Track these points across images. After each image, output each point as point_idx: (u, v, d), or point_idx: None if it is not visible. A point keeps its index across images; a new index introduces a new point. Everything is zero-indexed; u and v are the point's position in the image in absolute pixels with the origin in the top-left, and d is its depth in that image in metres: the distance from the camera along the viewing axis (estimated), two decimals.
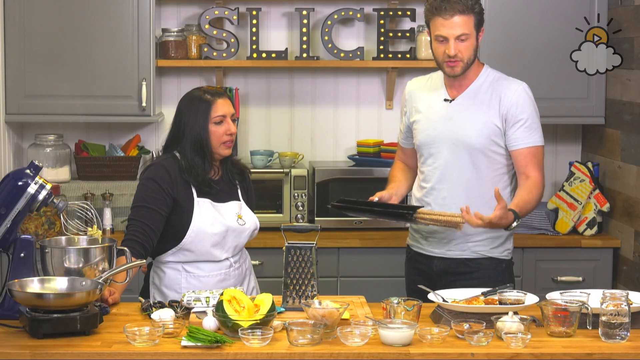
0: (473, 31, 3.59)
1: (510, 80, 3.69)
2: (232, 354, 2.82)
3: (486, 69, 3.70)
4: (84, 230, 3.56)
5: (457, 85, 3.67)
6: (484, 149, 3.61)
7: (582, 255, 4.90)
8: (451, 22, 3.56)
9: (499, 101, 3.62)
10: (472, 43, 3.60)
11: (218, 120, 3.52)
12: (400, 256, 4.76)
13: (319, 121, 5.37)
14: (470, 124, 3.62)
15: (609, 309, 2.92)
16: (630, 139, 4.72)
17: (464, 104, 3.65)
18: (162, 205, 3.47)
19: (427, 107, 3.73)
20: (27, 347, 2.83)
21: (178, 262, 3.54)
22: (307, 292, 3.28)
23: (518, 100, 3.62)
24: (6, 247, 3.15)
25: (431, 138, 3.68)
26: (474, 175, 3.63)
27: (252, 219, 3.64)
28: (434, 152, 3.68)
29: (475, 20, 3.59)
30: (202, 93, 3.57)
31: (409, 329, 2.88)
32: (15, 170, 3.22)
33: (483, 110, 3.62)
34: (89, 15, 4.85)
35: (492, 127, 3.61)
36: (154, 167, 3.53)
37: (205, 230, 3.50)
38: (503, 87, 3.65)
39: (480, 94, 3.65)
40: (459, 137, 3.62)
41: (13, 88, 4.87)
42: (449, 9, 3.55)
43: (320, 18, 5.19)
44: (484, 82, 3.66)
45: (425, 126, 3.71)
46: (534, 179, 3.60)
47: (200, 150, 3.52)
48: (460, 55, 3.58)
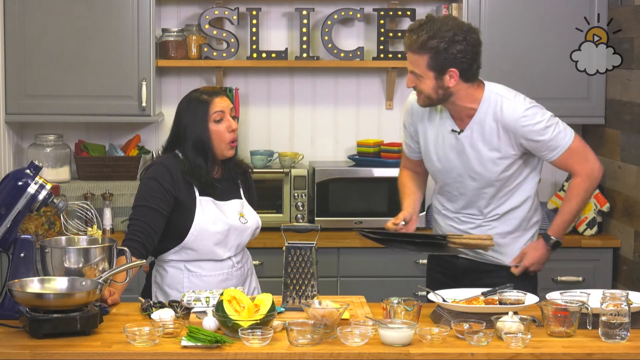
0: (427, 72, 3.37)
1: (509, 101, 3.46)
2: (232, 354, 2.82)
3: (485, 94, 3.48)
4: (84, 230, 3.56)
5: (461, 114, 3.50)
6: (505, 178, 3.52)
7: (582, 255, 4.90)
8: (407, 55, 3.44)
9: (507, 132, 3.46)
10: (430, 82, 3.39)
11: (217, 117, 3.52)
12: (400, 256, 4.79)
13: (319, 121, 5.37)
14: (485, 158, 3.49)
15: (609, 309, 2.92)
16: (630, 139, 4.72)
17: (472, 137, 3.49)
18: (164, 204, 3.47)
19: (435, 134, 3.58)
20: (27, 347, 2.83)
21: (180, 260, 3.54)
22: (307, 292, 3.28)
23: (525, 125, 3.44)
24: (6, 247, 3.15)
25: (446, 169, 3.57)
26: (497, 199, 3.56)
27: (254, 217, 3.65)
28: (451, 181, 3.58)
29: (429, 61, 3.35)
30: (199, 94, 3.57)
31: (409, 329, 2.88)
32: (15, 170, 3.22)
33: (493, 144, 3.47)
34: (89, 15, 4.85)
35: (507, 155, 3.48)
36: (155, 166, 3.53)
37: (208, 228, 3.50)
38: (506, 117, 3.44)
39: (486, 125, 3.47)
40: (476, 171, 3.51)
41: (13, 88, 4.87)
42: (405, 41, 3.44)
43: (320, 18, 5.19)
44: (487, 111, 3.47)
45: (439, 156, 3.58)
46: (578, 176, 3.55)
47: (202, 152, 3.51)
48: (418, 89, 3.45)
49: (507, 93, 3.52)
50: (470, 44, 3.39)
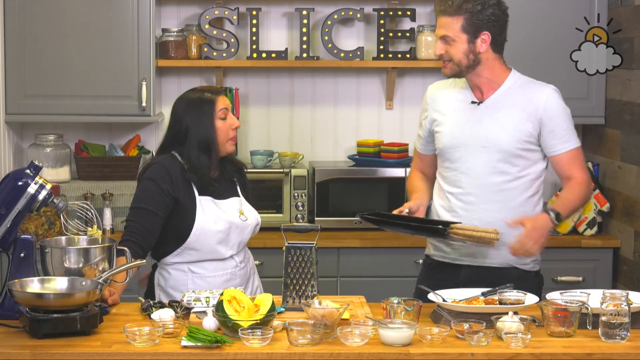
0: (460, 34, 3.45)
1: (541, 83, 3.58)
2: (232, 354, 2.82)
3: (514, 73, 3.57)
4: (84, 230, 3.55)
5: (481, 87, 3.56)
6: (515, 152, 3.50)
7: (582, 255, 4.90)
8: (438, 21, 3.51)
9: (532, 105, 3.50)
10: (462, 47, 3.46)
11: (223, 115, 3.53)
12: (400, 256, 4.80)
13: (319, 121, 5.37)
14: (502, 126, 3.50)
15: (609, 309, 2.92)
16: (630, 139, 4.72)
17: (494, 107, 3.53)
18: (161, 206, 3.47)
19: (452, 110, 3.60)
20: (27, 347, 2.83)
21: (183, 262, 3.54)
22: (307, 292, 3.28)
23: (552, 104, 3.51)
24: (6, 247, 3.15)
25: (458, 141, 3.56)
26: (504, 179, 3.52)
27: (253, 214, 3.65)
28: (461, 156, 3.56)
29: (463, 23, 3.44)
30: (201, 93, 3.57)
31: (409, 329, 2.88)
32: (15, 170, 3.22)
33: (515, 112, 3.51)
34: (89, 15, 4.85)
35: (524, 130, 3.49)
36: (153, 166, 3.53)
37: (209, 227, 3.50)
38: (535, 90, 3.53)
39: (510, 96, 3.53)
40: (489, 140, 3.51)
41: (13, 88, 4.87)
42: (437, 8, 3.50)
43: (320, 18, 5.19)
44: (514, 84, 3.54)
45: (451, 129, 3.58)
46: (578, 178, 3.53)
47: (207, 150, 3.51)
48: (447, 57, 3.49)
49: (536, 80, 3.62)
50: (501, 9, 3.51)
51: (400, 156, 5.11)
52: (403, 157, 5.12)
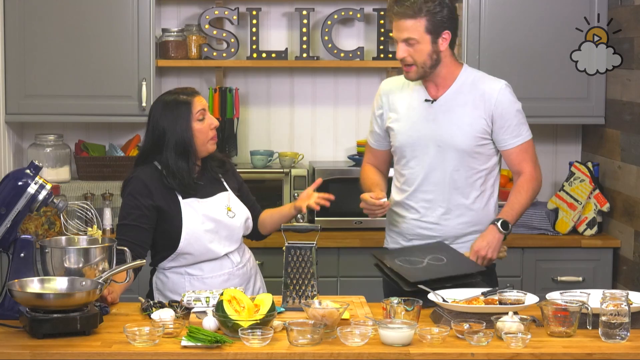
0: (424, 36, 3.49)
1: (491, 79, 3.64)
2: (232, 354, 2.82)
3: (465, 68, 3.64)
4: (84, 230, 3.56)
5: (436, 85, 3.61)
6: (470, 150, 3.58)
7: (582, 255, 4.89)
8: (398, 24, 3.51)
9: (484, 101, 3.57)
10: (425, 48, 3.51)
11: (200, 116, 3.51)
12: None
13: (319, 121, 5.37)
14: (456, 125, 3.57)
15: (609, 309, 2.92)
16: (630, 139, 4.72)
17: (446, 105, 3.60)
18: (144, 219, 3.46)
19: (406, 107, 3.65)
20: (27, 347, 2.83)
21: (180, 266, 3.53)
22: (307, 292, 3.28)
23: (502, 99, 3.58)
24: (6, 247, 3.15)
25: (413, 139, 3.61)
26: (460, 176, 3.60)
27: (241, 209, 3.63)
28: (417, 155, 3.62)
29: (427, 24, 3.48)
30: (176, 95, 3.54)
31: (409, 329, 2.88)
32: (15, 170, 3.22)
33: (467, 111, 3.58)
34: (89, 15, 4.85)
35: (478, 127, 3.57)
36: (131, 181, 3.51)
37: (198, 229, 3.49)
38: (486, 87, 3.59)
39: (463, 94, 3.60)
40: (444, 139, 3.57)
41: (13, 88, 4.87)
42: (396, 11, 3.51)
43: (320, 18, 5.19)
44: (465, 81, 3.61)
45: (406, 127, 3.63)
46: (526, 174, 3.61)
47: (184, 153, 3.49)
48: (410, 60, 3.52)
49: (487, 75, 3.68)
50: (452, 9, 3.57)
51: None
52: None
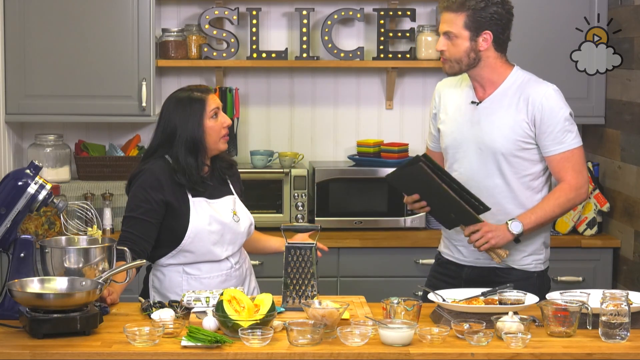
0: (462, 31, 3.46)
1: (539, 82, 3.56)
2: (232, 354, 2.82)
3: (515, 70, 3.57)
4: (84, 230, 3.56)
5: (483, 86, 3.56)
6: (510, 154, 3.50)
7: (582, 255, 4.90)
8: (442, 16, 3.52)
9: (527, 105, 3.49)
10: (462, 44, 3.47)
11: (213, 114, 3.51)
12: (400, 256, 4.80)
13: (319, 121, 5.37)
14: (497, 128, 3.50)
15: (609, 309, 2.92)
16: (630, 139, 4.72)
17: (490, 107, 3.53)
18: (152, 213, 3.44)
19: (455, 109, 3.62)
20: (27, 347, 2.83)
21: (178, 264, 3.53)
22: (307, 292, 3.28)
23: (548, 104, 3.49)
24: (6, 247, 3.15)
25: (457, 142, 3.58)
26: (500, 181, 3.53)
27: (245, 214, 3.63)
28: (460, 157, 3.58)
29: (466, 20, 3.45)
30: (190, 92, 3.53)
31: (409, 329, 2.88)
32: (15, 170, 3.22)
33: (510, 113, 3.50)
34: (89, 15, 4.85)
35: (520, 131, 3.49)
36: (142, 174, 3.48)
37: (204, 229, 3.49)
38: (532, 90, 3.51)
39: (508, 97, 3.52)
40: (485, 142, 3.52)
41: (13, 88, 4.87)
42: (442, 4, 3.51)
43: (320, 18, 5.19)
44: (513, 84, 3.54)
45: (452, 129, 3.60)
46: (564, 183, 3.50)
47: (194, 150, 3.49)
48: (447, 54, 3.50)
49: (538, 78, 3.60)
50: (505, 9, 3.51)
51: (400, 156, 5.11)
52: (403, 157, 5.11)
